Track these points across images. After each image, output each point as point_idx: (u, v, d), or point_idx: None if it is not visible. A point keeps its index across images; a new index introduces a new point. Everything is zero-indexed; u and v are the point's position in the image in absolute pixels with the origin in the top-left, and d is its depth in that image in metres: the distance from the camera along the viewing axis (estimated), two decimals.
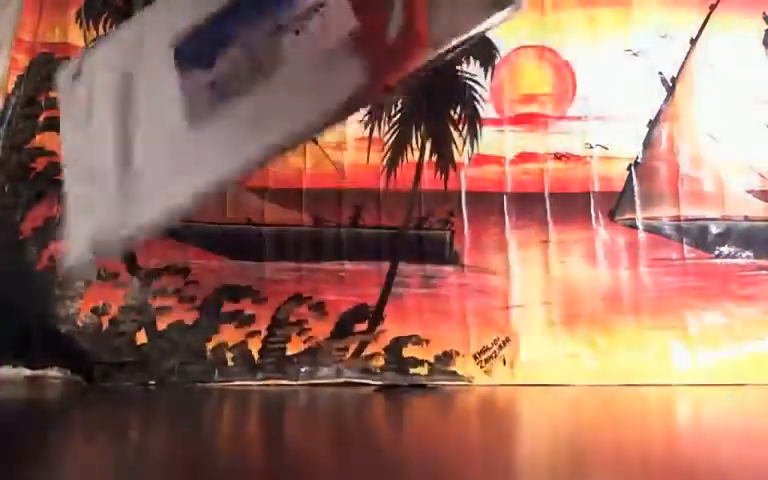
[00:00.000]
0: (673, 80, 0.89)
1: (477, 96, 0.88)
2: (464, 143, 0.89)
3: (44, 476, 0.29)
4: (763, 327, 0.82)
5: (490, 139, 0.88)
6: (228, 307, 0.82)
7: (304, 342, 0.80)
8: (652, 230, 0.85)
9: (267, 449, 0.40)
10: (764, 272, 0.84)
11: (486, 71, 0.89)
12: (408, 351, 0.80)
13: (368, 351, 0.80)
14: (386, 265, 0.84)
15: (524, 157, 0.87)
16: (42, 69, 0.88)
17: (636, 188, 0.86)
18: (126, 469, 0.31)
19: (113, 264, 0.83)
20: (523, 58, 0.89)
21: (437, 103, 0.90)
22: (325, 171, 0.87)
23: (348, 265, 0.84)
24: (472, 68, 0.89)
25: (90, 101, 0.44)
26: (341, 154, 0.87)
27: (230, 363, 0.79)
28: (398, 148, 0.89)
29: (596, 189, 0.85)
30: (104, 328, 0.80)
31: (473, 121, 0.89)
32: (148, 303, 0.81)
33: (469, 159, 0.88)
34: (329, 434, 0.49)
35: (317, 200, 0.86)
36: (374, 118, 0.89)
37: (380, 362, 0.80)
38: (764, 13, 0.92)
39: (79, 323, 0.80)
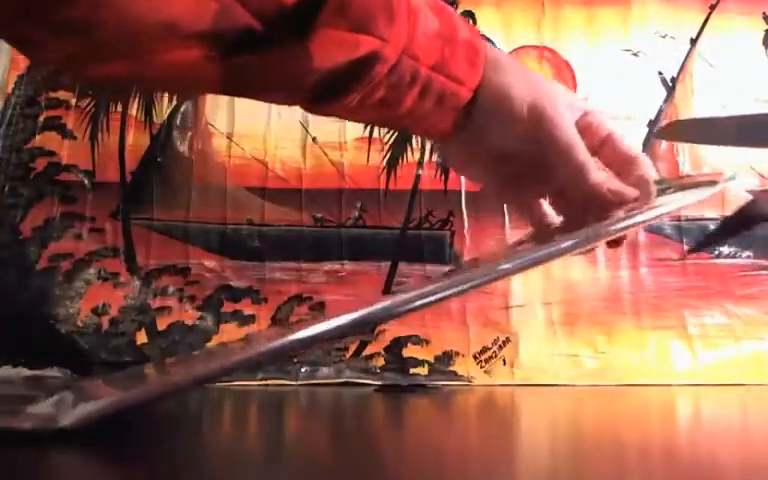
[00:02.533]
0: (673, 80, 0.89)
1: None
2: None
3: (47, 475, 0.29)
4: (763, 327, 0.82)
5: None
6: (228, 307, 0.82)
7: None
8: (652, 230, 0.85)
9: (266, 449, 0.40)
10: (764, 272, 0.84)
11: None
12: (408, 351, 0.80)
13: (368, 351, 0.80)
14: (386, 265, 0.84)
15: None
16: (42, 69, 0.88)
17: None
18: (126, 470, 0.31)
19: (113, 264, 0.83)
20: (523, 58, 0.89)
21: None
22: (325, 171, 0.87)
23: (348, 265, 0.84)
24: None
25: None
26: (341, 154, 0.87)
27: None
28: (398, 148, 0.89)
29: None
30: (104, 328, 0.80)
31: None
32: (148, 303, 0.81)
33: None
34: (329, 434, 0.49)
35: (317, 200, 0.86)
36: None
37: (380, 362, 0.80)
38: (764, 13, 0.92)
39: (79, 323, 0.80)
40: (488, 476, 0.32)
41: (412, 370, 0.79)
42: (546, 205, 0.46)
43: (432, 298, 0.36)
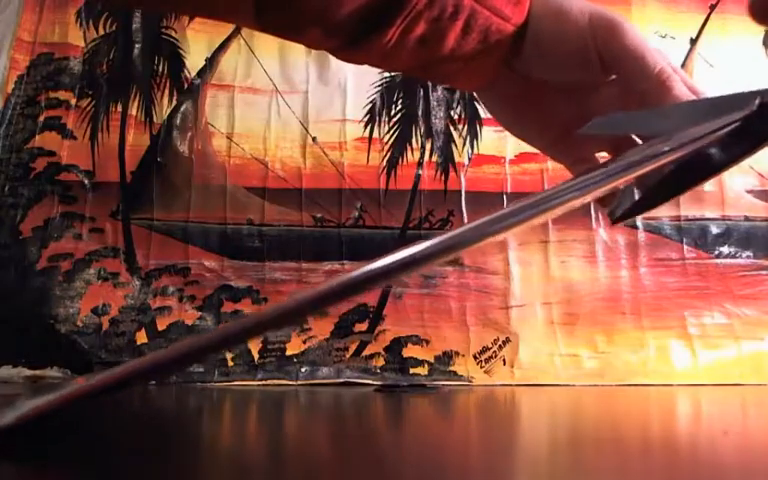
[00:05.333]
0: None
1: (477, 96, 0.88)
2: (464, 143, 0.89)
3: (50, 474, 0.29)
4: (763, 327, 0.82)
5: (490, 139, 0.88)
6: (228, 307, 0.82)
7: (304, 342, 0.80)
8: (652, 230, 0.85)
9: (266, 449, 0.40)
10: (764, 272, 0.84)
11: None
12: (408, 351, 0.80)
13: (368, 351, 0.80)
14: None
15: (524, 157, 0.87)
16: (42, 69, 0.88)
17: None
18: (126, 471, 0.31)
19: (113, 264, 0.83)
20: None
21: (437, 103, 0.90)
22: (325, 171, 0.87)
23: (348, 265, 0.84)
24: None
25: None
26: (341, 154, 0.87)
27: (230, 363, 0.79)
28: (398, 148, 0.89)
29: None
30: (104, 328, 0.80)
31: (473, 121, 0.90)
32: (148, 303, 0.81)
33: (469, 159, 0.88)
34: (329, 434, 0.49)
35: (317, 200, 0.86)
36: (374, 118, 0.89)
37: (380, 362, 0.80)
38: None
39: (79, 323, 0.80)
40: (488, 476, 0.32)
41: (412, 370, 0.79)
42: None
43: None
